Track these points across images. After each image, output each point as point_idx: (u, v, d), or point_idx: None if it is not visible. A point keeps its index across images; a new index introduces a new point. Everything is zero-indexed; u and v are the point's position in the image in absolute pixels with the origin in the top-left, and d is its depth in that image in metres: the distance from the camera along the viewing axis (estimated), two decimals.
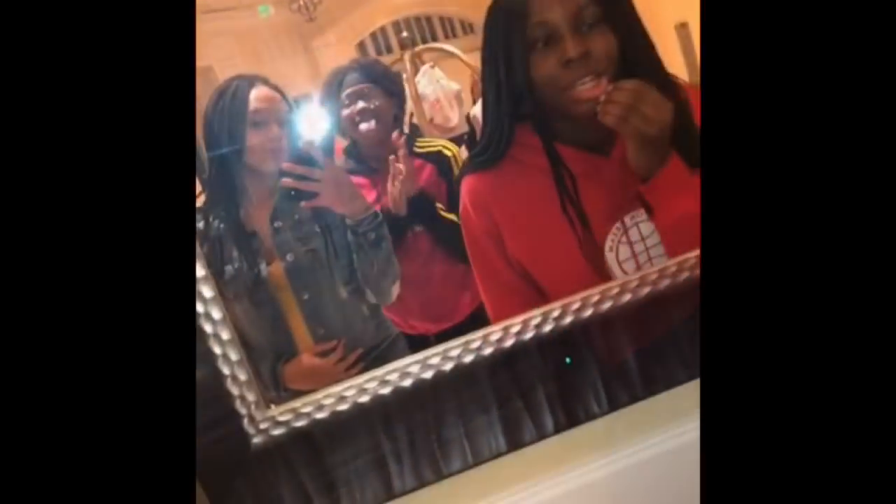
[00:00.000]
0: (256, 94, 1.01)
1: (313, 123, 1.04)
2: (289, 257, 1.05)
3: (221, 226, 1.03)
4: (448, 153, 1.10)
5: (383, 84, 1.08)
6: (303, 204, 1.02)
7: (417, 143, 1.11)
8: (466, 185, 0.99)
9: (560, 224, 0.94)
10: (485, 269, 1.00)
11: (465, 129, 1.11)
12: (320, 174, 1.00)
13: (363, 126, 1.08)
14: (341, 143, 1.09)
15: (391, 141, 1.06)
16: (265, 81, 1.03)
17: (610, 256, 0.94)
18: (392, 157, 1.06)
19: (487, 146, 0.96)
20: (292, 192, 1.01)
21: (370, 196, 1.07)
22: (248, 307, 1.03)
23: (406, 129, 1.11)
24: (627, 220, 0.94)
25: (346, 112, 1.07)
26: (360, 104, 1.07)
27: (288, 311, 1.06)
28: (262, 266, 1.04)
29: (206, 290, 0.86)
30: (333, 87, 1.06)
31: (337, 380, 0.89)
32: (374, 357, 1.05)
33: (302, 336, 1.07)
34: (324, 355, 1.05)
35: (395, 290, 1.08)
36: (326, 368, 1.04)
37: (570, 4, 0.89)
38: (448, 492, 0.90)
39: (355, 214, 1.02)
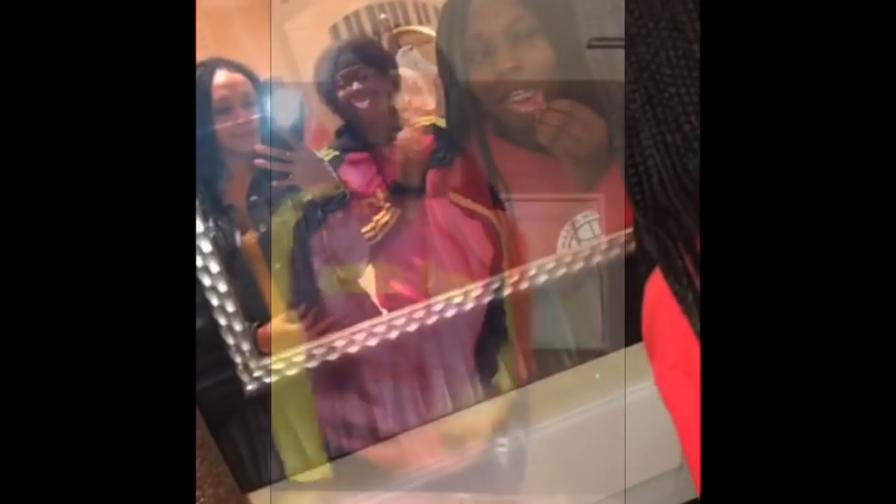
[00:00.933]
0: (218, 82, 1.02)
1: (283, 105, 1.07)
2: (262, 228, 1.08)
3: (202, 199, 1.05)
4: (442, 124, 1.10)
5: (377, 64, 1.08)
6: (274, 184, 1.05)
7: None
8: (429, 178, 1.04)
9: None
10: (449, 253, 1.04)
11: (443, 112, 1.10)
12: (291, 155, 1.02)
13: (358, 105, 1.07)
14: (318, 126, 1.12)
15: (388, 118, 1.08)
16: (227, 64, 1.04)
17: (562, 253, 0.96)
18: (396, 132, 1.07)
19: (444, 146, 1.01)
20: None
21: (371, 170, 1.09)
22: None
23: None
24: (580, 217, 0.97)
25: (341, 93, 1.07)
26: (355, 85, 1.06)
27: (261, 279, 1.09)
28: (237, 236, 1.07)
29: (204, 245, 0.90)
30: (329, 67, 1.06)
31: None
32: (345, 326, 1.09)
33: (274, 303, 1.10)
34: (295, 322, 1.08)
35: (363, 266, 1.11)
36: (297, 334, 1.07)
37: (503, 16, 0.91)
38: (429, 436, 0.96)
39: (324, 194, 1.06)
